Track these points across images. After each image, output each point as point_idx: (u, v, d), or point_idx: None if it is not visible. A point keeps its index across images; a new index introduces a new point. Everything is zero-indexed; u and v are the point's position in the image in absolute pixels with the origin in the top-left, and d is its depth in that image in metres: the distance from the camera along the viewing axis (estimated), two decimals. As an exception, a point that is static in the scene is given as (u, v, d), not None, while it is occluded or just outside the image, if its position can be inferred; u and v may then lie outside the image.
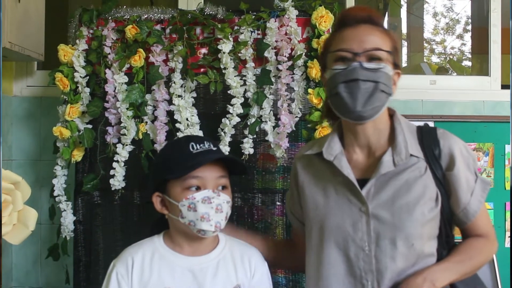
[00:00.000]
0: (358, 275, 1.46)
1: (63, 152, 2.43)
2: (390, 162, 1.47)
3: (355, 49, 1.44)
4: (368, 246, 1.45)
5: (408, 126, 1.56)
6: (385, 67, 1.45)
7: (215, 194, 1.47)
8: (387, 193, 1.46)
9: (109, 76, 2.41)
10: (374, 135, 1.52)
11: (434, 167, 1.48)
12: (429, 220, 1.46)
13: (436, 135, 1.53)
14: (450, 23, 8.13)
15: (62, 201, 2.47)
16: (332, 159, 1.53)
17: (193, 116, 2.38)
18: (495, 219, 2.81)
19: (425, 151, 1.50)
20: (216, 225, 1.46)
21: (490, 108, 2.87)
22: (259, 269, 1.60)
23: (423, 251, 1.45)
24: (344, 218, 1.48)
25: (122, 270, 1.50)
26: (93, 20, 2.43)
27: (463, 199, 1.49)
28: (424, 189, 1.46)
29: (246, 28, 2.37)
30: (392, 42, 1.51)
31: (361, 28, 1.48)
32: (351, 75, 1.43)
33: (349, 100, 1.43)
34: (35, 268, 2.84)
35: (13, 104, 2.84)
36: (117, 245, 2.44)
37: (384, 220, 1.44)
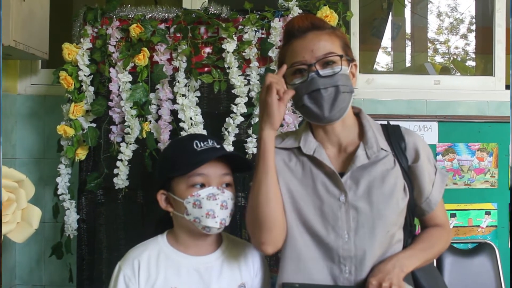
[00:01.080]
0: (336, 261, 1.50)
1: (67, 151, 2.43)
2: (363, 156, 1.55)
3: (308, 60, 1.50)
4: (347, 234, 1.50)
5: (374, 123, 1.64)
6: (340, 68, 1.50)
7: (220, 191, 1.48)
8: (363, 184, 1.53)
9: (113, 75, 2.41)
10: (343, 132, 1.60)
11: (401, 160, 1.58)
12: (402, 209, 1.54)
13: (401, 132, 1.63)
14: (454, 23, 8.11)
15: (65, 200, 2.48)
16: (312, 153, 1.58)
17: (197, 115, 2.38)
18: (499, 219, 2.81)
19: (392, 145, 1.59)
20: (221, 222, 1.48)
21: (494, 108, 2.86)
22: (262, 267, 1.62)
23: (394, 238, 1.53)
24: (323, 207, 1.53)
25: (129, 272, 1.50)
26: (98, 19, 2.43)
27: (426, 189, 1.59)
28: (396, 180, 1.54)
29: (250, 28, 2.37)
30: (341, 39, 1.57)
31: (308, 37, 1.53)
32: (312, 86, 1.49)
33: (316, 109, 1.51)
34: (38, 266, 2.85)
35: (17, 103, 2.85)
36: (120, 244, 2.45)
37: (363, 210, 1.51)
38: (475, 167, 2.83)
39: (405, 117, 2.78)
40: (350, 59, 1.57)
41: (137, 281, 1.49)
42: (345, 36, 1.61)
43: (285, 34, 1.61)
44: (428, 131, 2.80)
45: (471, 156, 2.83)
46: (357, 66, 1.62)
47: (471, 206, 2.83)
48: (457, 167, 2.83)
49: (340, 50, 1.53)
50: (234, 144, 2.37)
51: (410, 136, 1.62)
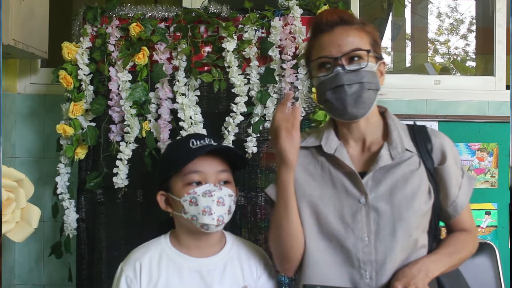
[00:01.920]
0: (356, 265, 1.47)
1: (66, 150, 2.42)
2: (387, 156, 1.51)
3: (334, 54, 1.48)
4: (367, 237, 1.47)
5: (400, 123, 1.61)
6: (367, 65, 1.48)
7: (216, 188, 1.47)
8: (385, 186, 1.50)
9: (113, 74, 2.41)
10: (368, 130, 1.57)
11: (427, 161, 1.53)
12: (425, 212, 1.50)
13: (428, 132, 1.59)
14: (454, 24, 8.11)
15: (65, 199, 2.47)
16: (333, 152, 1.56)
17: (197, 114, 2.38)
18: (499, 219, 2.81)
19: (417, 146, 1.55)
20: (219, 219, 1.46)
21: (494, 109, 2.86)
22: (266, 270, 1.60)
23: (418, 243, 1.49)
24: (343, 209, 1.50)
25: (131, 273, 1.49)
26: (97, 17, 2.43)
27: (452, 192, 1.54)
28: (420, 182, 1.51)
29: (250, 27, 2.36)
30: (370, 35, 1.54)
31: (336, 31, 1.51)
32: (336, 82, 1.47)
33: (339, 105, 1.48)
34: (38, 265, 2.84)
35: (17, 102, 2.84)
36: (120, 243, 2.44)
37: (384, 212, 1.47)
38: (475, 167, 2.83)
39: (405, 116, 2.78)
40: (379, 57, 1.54)
41: (138, 283, 1.48)
42: (375, 32, 1.57)
43: (313, 28, 1.58)
44: (428, 131, 2.80)
45: (471, 156, 2.82)
46: (385, 64, 1.59)
47: (471, 206, 2.79)
48: (457, 167, 2.82)
49: (368, 46, 1.51)
50: (234, 143, 2.36)
51: (437, 138, 1.58)
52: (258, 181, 2.39)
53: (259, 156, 2.40)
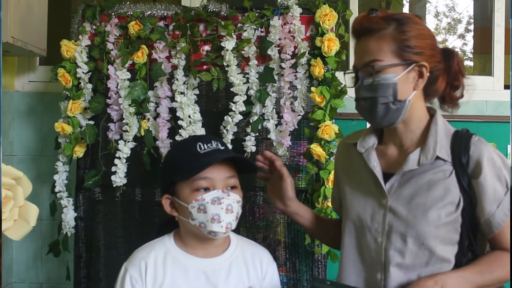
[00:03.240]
0: (369, 264, 1.52)
1: (64, 148, 2.42)
2: (415, 161, 1.49)
3: (356, 66, 1.53)
4: (380, 237, 1.50)
5: (445, 128, 1.54)
6: (381, 78, 1.45)
7: (225, 194, 1.44)
8: (408, 190, 1.49)
9: (112, 72, 2.40)
10: (406, 135, 1.55)
11: (460, 172, 1.46)
12: (445, 223, 1.44)
13: (469, 142, 1.49)
14: (452, 23, 8.12)
15: (63, 197, 2.47)
16: (363, 151, 1.60)
17: (196, 113, 2.38)
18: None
19: (453, 155, 1.48)
20: (227, 226, 1.44)
21: (492, 108, 2.86)
22: (270, 269, 1.60)
23: (435, 253, 1.44)
24: (365, 208, 1.54)
25: (135, 273, 1.47)
26: (96, 16, 2.43)
27: (487, 209, 1.45)
28: (445, 192, 1.45)
29: (250, 26, 2.36)
30: (396, 41, 1.46)
31: (361, 41, 1.52)
32: (356, 95, 1.53)
33: (365, 116, 1.54)
34: (35, 264, 2.84)
35: (15, 100, 2.84)
36: (118, 242, 2.45)
37: (399, 215, 1.48)
38: (473, 167, 2.83)
39: (404, 116, 2.78)
40: (409, 62, 1.46)
41: (144, 283, 1.46)
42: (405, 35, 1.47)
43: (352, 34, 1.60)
44: (426, 130, 2.80)
45: (469, 156, 2.82)
46: (424, 67, 1.47)
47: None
48: (455, 167, 2.82)
49: (388, 54, 1.45)
50: (232, 143, 2.36)
51: (477, 148, 1.47)
52: (256, 181, 2.39)
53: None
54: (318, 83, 2.33)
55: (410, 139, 1.54)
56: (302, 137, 2.38)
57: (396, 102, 1.46)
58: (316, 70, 2.28)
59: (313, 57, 2.32)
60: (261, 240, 2.37)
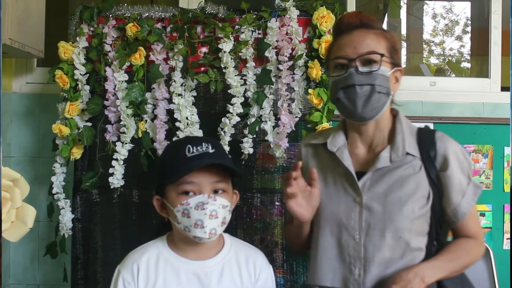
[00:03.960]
0: (347, 261, 1.54)
1: (62, 150, 2.42)
2: (387, 158, 1.56)
3: (349, 55, 1.52)
4: (358, 235, 1.53)
5: (409, 126, 1.64)
6: (380, 69, 1.51)
7: (210, 199, 1.43)
8: (381, 186, 1.55)
9: (109, 74, 2.41)
10: (376, 134, 1.61)
11: (429, 166, 1.55)
12: (419, 216, 1.52)
13: (434, 137, 1.60)
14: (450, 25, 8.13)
15: (60, 199, 2.47)
16: (335, 150, 1.62)
17: (193, 115, 2.38)
18: (494, 221, 2.81)
19: (421, 151, 1.57)
20: (211, 232, 1.43)
21: (489, 110, 2.87)
22: (264, 272, 1.58)
23: (411, 245, 1.51)
24: (339, 206, 1.57)
25: (128, 276, 1.48)
26: (94, 17, 2.43)
27: (454, 199, 1.56)
28: (417, 186, 1.54)
29: (247, 28, 2.37)
30: (389, 41, 1.57)
31: (355, 33, 1.55)
32: (348, 81, 1.51)
33: (349, 105, 1.53)
34: (32, 265, 2.84)
35: (13, 101, 2.84)
36: (115, 244, 2.44)
37: (376, 212, 1.53)
38: (470, 168, 2.84)
39: (401, 118, 2.79)
40: (395, 63, 1.57)
41: (136, 285, 1.47)
42: (394, 39, 1.60)
43: (334, 29, 1.64)
44: (423, 132, 2.80)
45: (466, 158, 2.83)
46: (402, 72, 1.61)
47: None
48: (452, 169, 2.83)
49: (384, 51, 1.53)
50: (230, 144, 2.36)
51: (442, 143, 1.58)
52: (254, 182, 2.40)
53: (255, 157, 2.40)
54: (316, 85, 2.33)
55: (378, 137, 1.61)
56: (300, 139, 2.38)
57: (388, 95, 1.54)
58: (314, 72, 2.29)
59: (311, 59, 2.33)
60: (258, 242, 2.37)
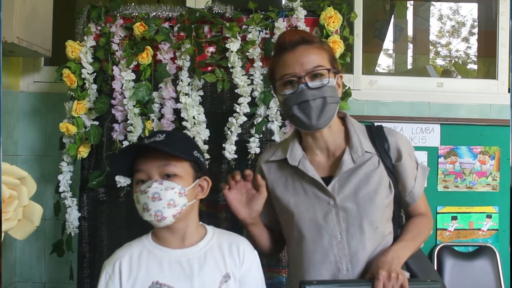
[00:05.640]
0: (333, 261, 1.61)
1: (69, 148, 2.43)
2: (349, 160, 1.65)
3: (298, 73, 1.58)
4: (340, 234, 1.61)
5: (359, 126, 1.75)
6: (328, 80, 1.59)
7: (156, 183, 1.44)
8: (350, 186, 1.64)
9: (117, 73, 2.41)
10: (330, 138, 1.69)
11: (385, 159, 1.68)
12: (386, 205, 1.66)
13: (384, 132, 1.73)
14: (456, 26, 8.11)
15: (67, 197, 2.48)
16: (296, 164, 1.69)
17: (200, 114, 2.38)
18: (500, 223, 2.81)
19: (376, 146, 1.69)
20: (156, 214, 1.43)
21: (497, 112, 2.86)
22: (248, 257, 1.58)
23: (385, 232, 1.65)
24: (316, 212, 1.64)
25: (110, 271, 1.52)
26: (101, 16, 2.43)
27: (409, 184, 1.70)
28: (380, 179, 1.65)
29: (254, 27, 2.37)
30: (328, 52, 1.66)
31: (298, 50, 1.61)
32: (301, 98, 1.58)
33: (305, 119, 1.60)
34: (39, 263, 2.84)
35: (20, 100, 2.85)
36: (121, 242, 2.39)
37: (351, 210, 1.62)
38: (477, 170, 2.83)
39: (408, 119, 2.78)
40: (336, 71, 1.65)
41: (118, 280, 1.50)
42: (332, 49, 1.72)
43: (276, 47, 1.68)
44: (430, 133, 2.80)
45: (473, 159, 2.83)
46: (342, 77, 1.73)
47: (472, 209, 2.82)
48: (459, 170, 2.83)
49: (328, 63, 1.62)
50: (236, 144, 2.37)
51: (393, 136, 1.71)
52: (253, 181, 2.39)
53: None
54: (322, 85, 2.33)
55: (334, 141, 1.69)
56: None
57: (337, 103, 1.64)
58: (321, 72, 2.28)
59: (318, 59, 2.32)
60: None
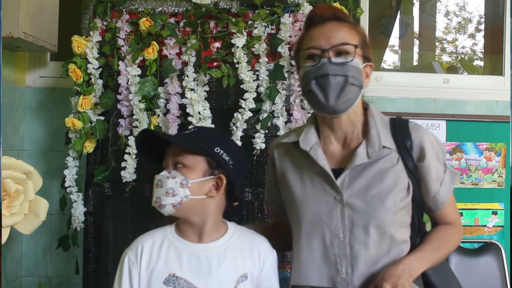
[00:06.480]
0: (333, 261, 1.50)
1: (75, 143, 2.43)
2: (364, 154, 1.52)
3: (323, 46, 1.49)
4: (342, 233, 1.50)
5: (382, 119, 1.61)
6: (353, 60, 1.48)
7: (166, 172, 1.48)
8: (361, 183, 1.51)
9: (122, 68, 2.41)
10: (349, 128, 1.57)
11: (406, 158, 1.54)
12: (400, 208, 1.51)
13: (408, 128, 1.58)
14: (462, 22, 8.09)
15: (73, 192, 2.49)
16: (308, 149, 1.57)
17: (205, 110, 2.38)
18: (506, 219, 2.80)
19: (397, 143, 1.55)
20: (156, 200, 1.48)
21: (503, 108, 2.85)
22: (268, 260, 1.58)
23: (396, 238, 1.50)
24: (320, 206, 1.53)
25: (133, 257, 1.53)
26: (107, 12, 2.44)
27: (433, 188, 1.56)
28: (396, 179, 1.51)
29: (260, 23, 2.37)
30: (360, 36, 1.55)
31: (328, 25, 1.52)
32: (321, 71, 1.47)
33: (321, 96, 1.48)
34: (44, 258, 2.86)
35: (26, 95, 2.85)
36: (127, 237, 2.45)
37: (358, 209, 1.49)
38: (483, 166, 2.82)
39: (414, 115, 2.77)
40: (367, 58, 1.54)
41: (138, 265, 1.51)
42: (365, 34, 1.58)
43: (306, 21, 1.60)
44: (436, 129, 2.79)
45: (479, 156, 2.82)
46: (372, 68, 1.59)
47: (478, 206, 2.82)
48: (464, 166, 2.82)
49: (357, 43, 1.51)
50: (242, 139, 2.36)
51: (417, 133, 1.57)
52: (266, 178, 2.39)
53: (267, 152, 2.40)
54: (328, 81, 2.32)
55: (352, 132, 1.57)
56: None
57: (360, 87, 1.51)
58: (326, 68, 2.28)
59: (323, 55, 2.32)
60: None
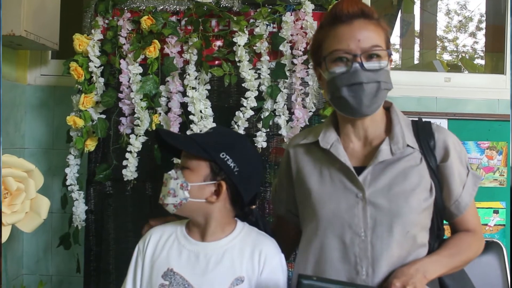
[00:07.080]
0: (353, 261, 1.45)
1: (76, 142, 2.43)
2: (387, 151, 1.49)
3: (353, 50, 1.43)
4: (364, 232, 1.45)
5: (404, 118, 1.58)
6: (384, 64, 1.45)
7: (172, 171, 1.53)
8: (384, 180, 1.47)
9: (124, 66, 2.41)
10: (371, 126, 1.55)
11: (429, 158, 1.51)
12: (423, 209, 1.47)
13: (431, 129, 1.55)
14: (463, 21, 8.09)
15: (74, 191, 2.48)
16: (328, 147, 1.54)
17: (207, 108, 2.38)
18: (507, 218, 2.80)
19: (420, 143, 1.52)
20: (161, 198, 1.54)
21: (504, 107, 2.84)
22: (270, 262, 1.54)
23: (417, 240, 1.46)
24: (340, 204, 1.48)
25: (141, 245, 1.61)
26: (109, 10, 2.43)
27: (455, 191, 1.52)
28: (420, 178, 1.48)
29: (262, 21, 2.36)
30: (385, 32, 1.50)
31: (355, 24, 1.45)
32: (355, 79, 1.43)
33: (355, 103, 1.45)
34: (46, 256, 2.86)
35: (27, 93, 2.85)
36: (128, 236, 2.45)
37: (381, 207, 1.45)
38: (484, 165, 2.82)
39: (415, 114, 2.77)
40: (390, 53, 1.50)
41: (143, 255, 1.58)
42: (388, 28, 1.52)
43: (330, 16, 1.50)
44: (437, 128, 2.79)
45: (480, 154, 2.82)
46: (391, 61, 1.54)
47: (479, 205, 2.81)
48: (466, 165, 2.82)
49: (384, 44, 1.47)
50: (243, 138, 2.36)
51: (441, 134, 1.54)
52: (267, 176, 2.40)
53: (269, 151, 2.40)
54: (330, 80, 2.32)
55: (374, 130, 1.55)
56: (313, 134, 2.38)
57: (390, 90, 1.49)
58: (328, 67, 2.28)
59: (325, 53, 2.32)
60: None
